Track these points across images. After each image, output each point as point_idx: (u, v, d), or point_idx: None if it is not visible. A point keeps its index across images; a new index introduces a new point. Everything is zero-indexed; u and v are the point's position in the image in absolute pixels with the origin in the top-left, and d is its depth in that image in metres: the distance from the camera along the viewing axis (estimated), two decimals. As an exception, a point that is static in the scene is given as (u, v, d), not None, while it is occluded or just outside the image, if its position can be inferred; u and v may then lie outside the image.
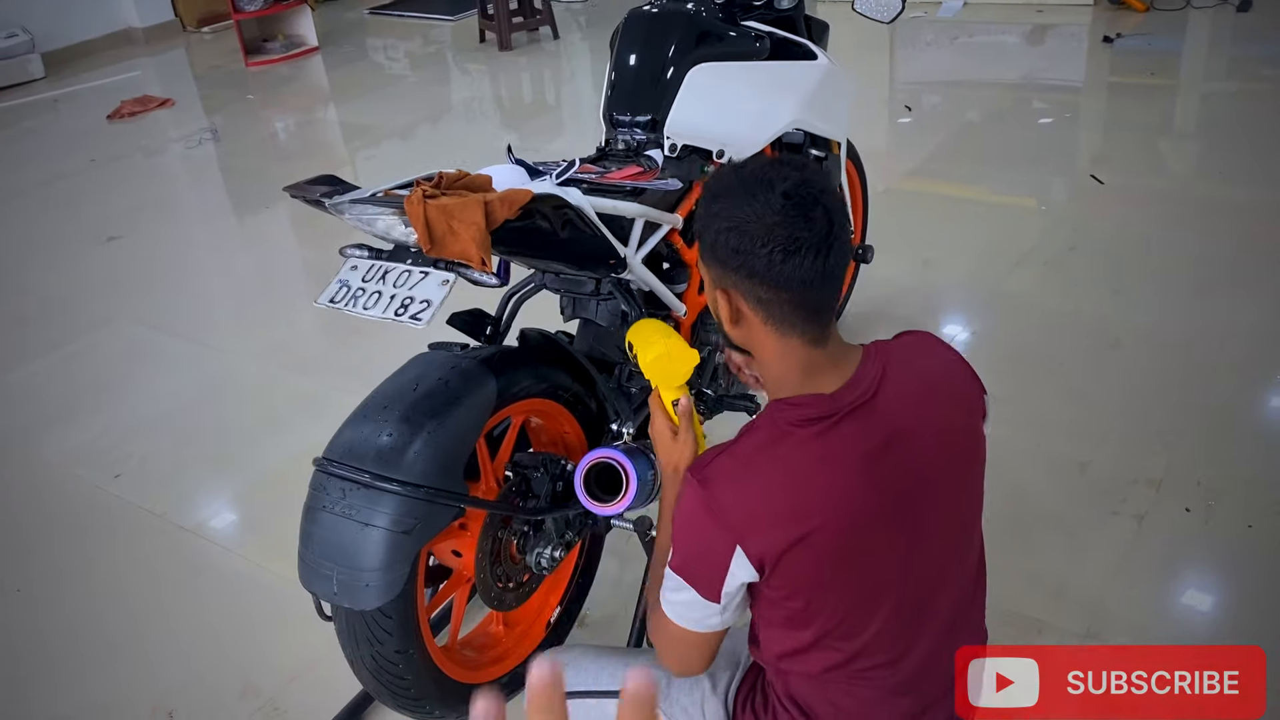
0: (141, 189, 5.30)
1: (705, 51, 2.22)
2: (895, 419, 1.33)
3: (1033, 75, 5.61)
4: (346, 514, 1.64)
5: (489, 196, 1.54)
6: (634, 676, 0.53)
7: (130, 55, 7.94)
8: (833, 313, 1.36)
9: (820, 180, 1.31)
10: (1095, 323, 3.20)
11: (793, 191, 1.28)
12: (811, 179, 1.30)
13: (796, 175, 1.29)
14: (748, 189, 1.30)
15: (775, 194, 1.27)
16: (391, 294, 1.66)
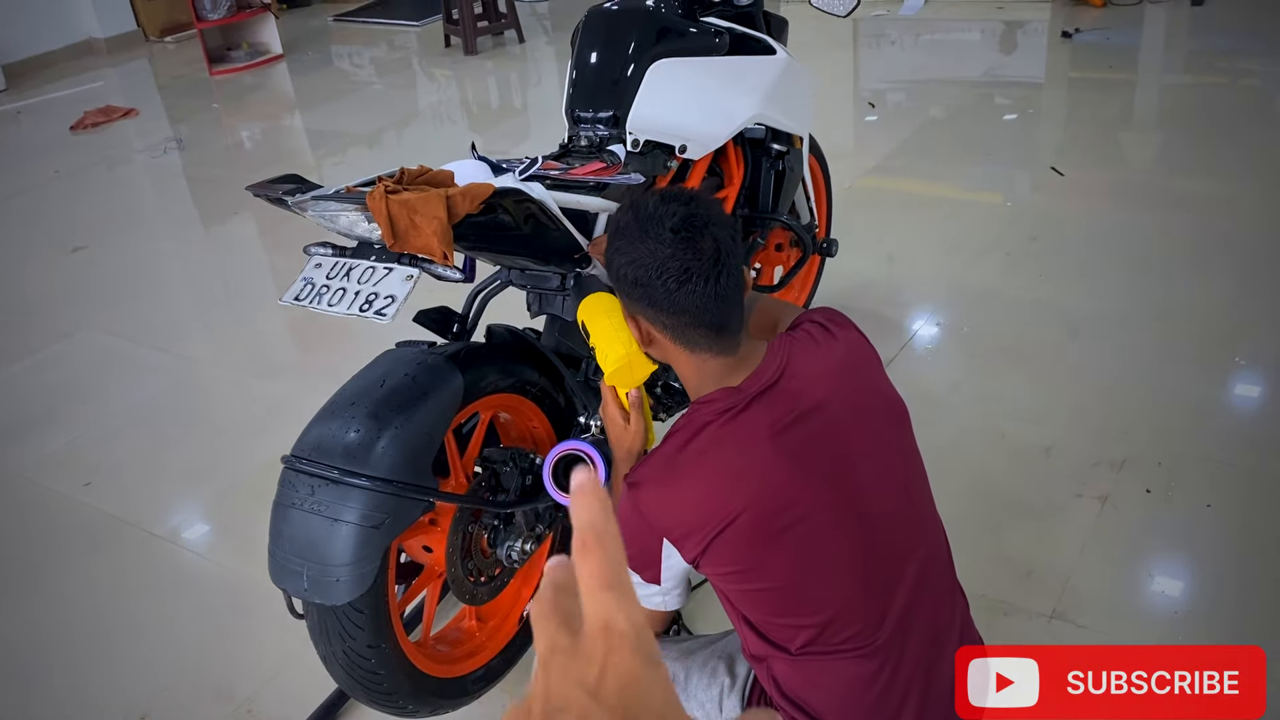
0: (106, 199, 5.27)
1: (665, 47, 2.24)
2: (803, 397, 1.43)
3: (994, 71, 5.68)
4: (316, 510, 1.65)
5: (451, 191, 1.56)
6: (578, 476, 0.54)
7: (93, 66, 7.89)
8: (738, 326, 1.46)
9: (706, 211, 1.42)
10: (1056, 312, 3.25)
11: (680, 225, 1.39)
12: (697, 211, 1.41)
13: (684, 209, 1.41)
14: (641, 226, 1.41)
15: (665, 229, 1.39)
16: (356, 290, 1.67)
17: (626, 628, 0.49)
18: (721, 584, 1.43)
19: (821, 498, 1.37)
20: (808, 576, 1.37)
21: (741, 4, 2.46)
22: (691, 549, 1.38)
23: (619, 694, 0.47)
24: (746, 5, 2.46)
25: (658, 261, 1.39)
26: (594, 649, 0.48)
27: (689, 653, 1.60)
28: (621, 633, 0.49)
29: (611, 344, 1.67)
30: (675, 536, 1.38)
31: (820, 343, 1.51)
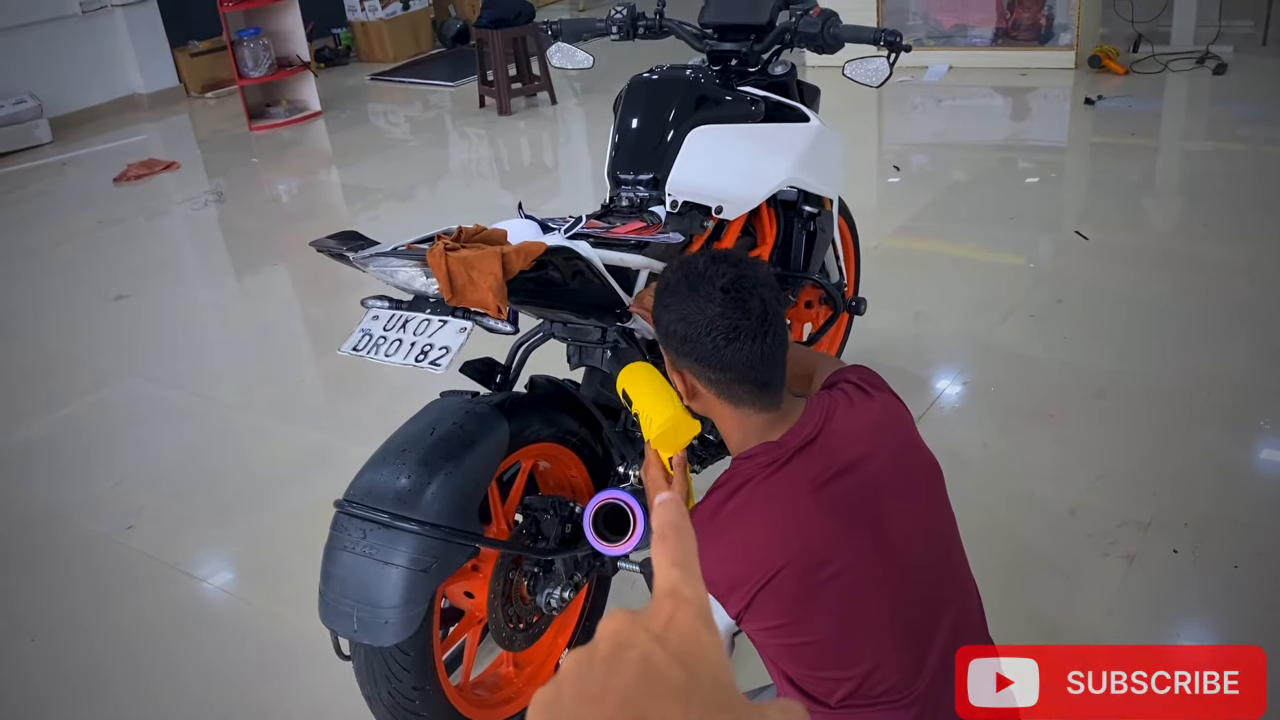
0: (148, 249, 5.41)
1: (704, 115, 2.34)
2: (842, 453, 1.49)
3: (1017, 136, 5.78)
4: (367, 553, 1.71)
5: (505, 249, 1.64)
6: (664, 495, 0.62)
7: (135, 120, 8.10)
8: (780, 383, 1.53)
9: (755, 273, 1.49)
10: (1081, 373, 3.29)
11: (730, 285, 1.46)
12: (747, 273, 1.48)
13: (733, 270, 1.48)
14: (691, 284, 1.48)
15: (715, 288, 1.46)
16: (412, 341, 1.75)
17: (690, 595, 0.55)
18: (763, 639, 1.46)
19: (862, 551, 1.42)
20: (849, 630, 1.41)
21: (776, 74, 2.55)
22: (735, 604, 1.41)
23: (680, 643, 0.53)
24: (781, 75, 2.55)
25: (707, 319, 1.46)
26: (661, 607, 0.55)
27: None
28: (686, 597, 0.55)
29: (656, 408, 1.73)
30: (719, 592, 1.42)
31: (857, 401, 1.58)
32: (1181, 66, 6.30)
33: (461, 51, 8.61)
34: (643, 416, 1.79)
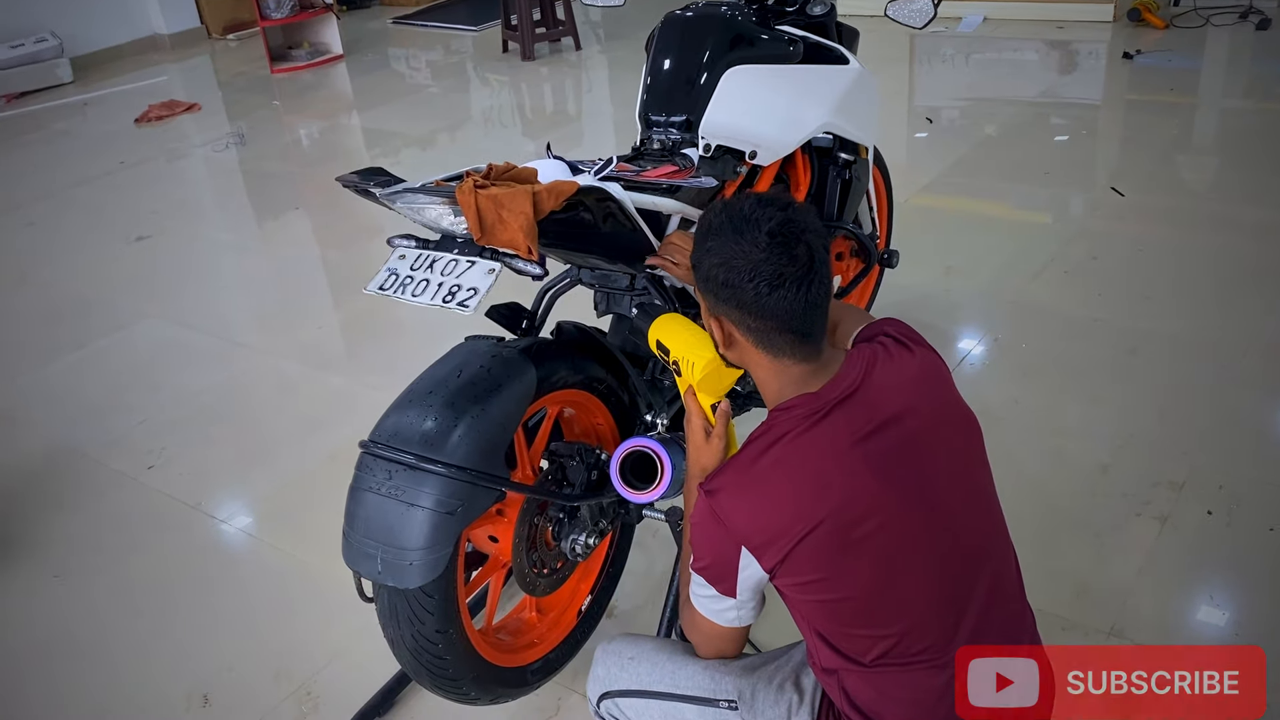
0: (169, 191, 5.37)
1: (740, 54, 2.27)
2: (882, 407, 1.43)
3: (1053, 90, 5.65)
4: (392, 494, 1.68)
5: (537, 187, 1.59)
6: None
7: (156, 61, 8.04)
8: (821, 333, 1.47)
9: (803, 218, 1.42)
10: (1115, 331, 3.23)
11: (777, 230, 1.40)
12: (795, 217, 1.42)
13: (780, 214, 1.41)
14: (736, 227, 1.42)
15: (761, 232, 1.40)
16: (439, 282, 1.70)
17: None
18: (797, 594, 1.42)
19: (901, 507, 1.38)
20: (887, 586, 1.38)
21: (815, 13, 2.48)
22: (771, 557, 1.38)
23: None
24: (820, 15, 2.48)
25: (751, 264, 1.40)
26: None
27: (754, 668, 1.60)
28: None
29: (697, 352, 1.69)
30: (755, 544, 1.38)
31: (896, 355, 1.52)
32: (1223, 21, 6.14)
33: (485, -5, 8.49)
34: (683, 362, 1.75)
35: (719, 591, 1.45)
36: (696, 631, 1.56)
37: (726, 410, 1.72)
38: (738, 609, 1.47)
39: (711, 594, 1.47)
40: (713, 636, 1.53)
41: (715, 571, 1.44)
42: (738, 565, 1.41)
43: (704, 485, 1.46)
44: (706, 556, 1.45)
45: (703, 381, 1.72)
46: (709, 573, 1.45)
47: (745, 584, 1.43)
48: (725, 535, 1.41)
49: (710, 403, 1.75)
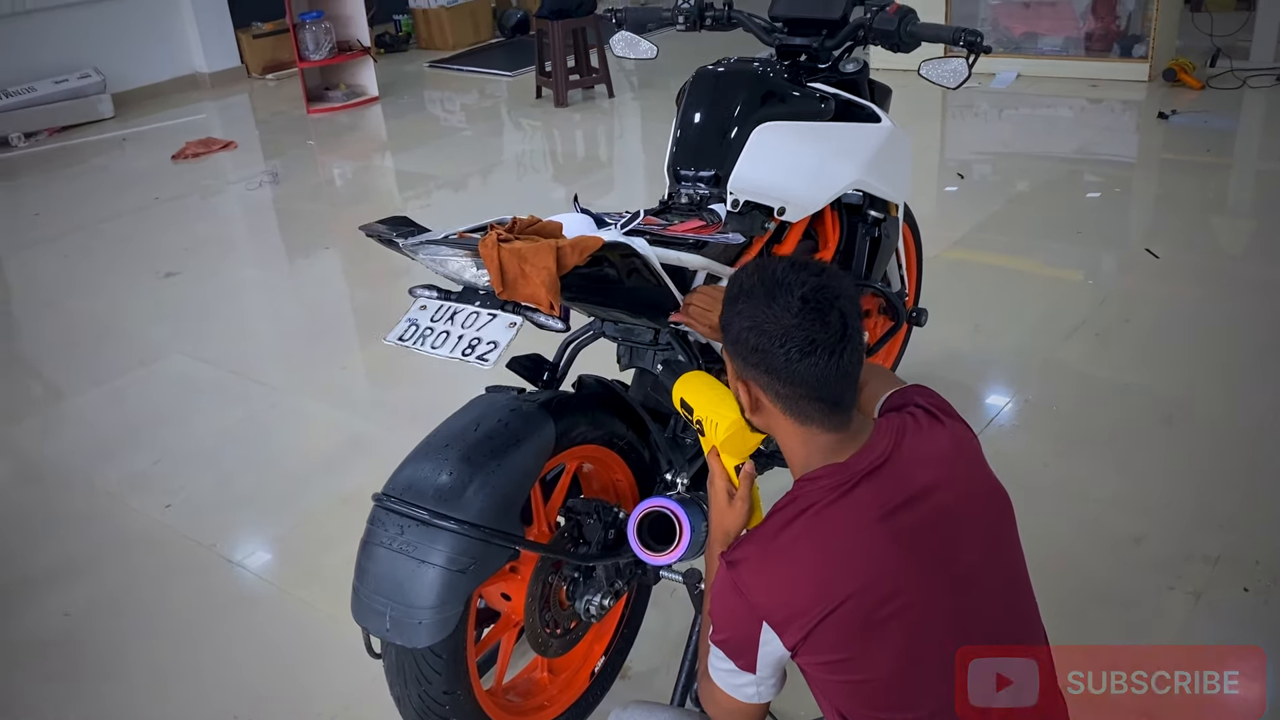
0: (201, 227, 5.41)
1: (771, 110, 2.25)
2: (912, 480, 1.39)
3: (1086, 148, 5.61)
4: (403, 550, 1.65)
5: (561, 242, 1.57)
6: None
7: (196, 99, 8.16)
8: (852, 402, 1.44)
9: (837, 284, 1.40)
10: (1148, 397, 3.16)
11: (810, 295, 1.37)
12: (828, 284, 1.39)
13: (814, 280, 1.39)
14: (768, 290, 1.39)
15: (794, 297, 1.37)
16: (459, 334, 1.68)
17: None
18: (818, 674, 1.37)
19: (929, 586, 1.33)
20: (911, 669, 1.33)
21: (848, 71, 2.46)
22: (793, 635, 1.33)
23: None
24: (853, 73, 2.46)
25: (783, 329, 1.37)
26: None
27: None
28: None
29: (721, 411, 1.66)
30: (777, 620, 1.34)
31: (927, 427, 1.49)
32: (1261, 83, 6.10)
33: (521, 41, 8.58)
34: (706, 422, 1.72)
35: (738, 666, 1.41)
36: (714, 705, 1.50)
37: (750, 472, 1.69)
38: (757, 685, 1.42)
39: (730, 668, 1.42)
40: (731, 712, 1.48)
41: (735, 646, 1.40)
42: (758, 640, 1.37)
43: (726, 556, 1.42)
44: (726, 630, 1.41)
45: (726, 442, 1.68)
46: (728, 646, 1.41)
47: (766, 660, 1.38)
48: (746, 609, 1.37)
49: (734, 464, 1.72)
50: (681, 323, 1.90)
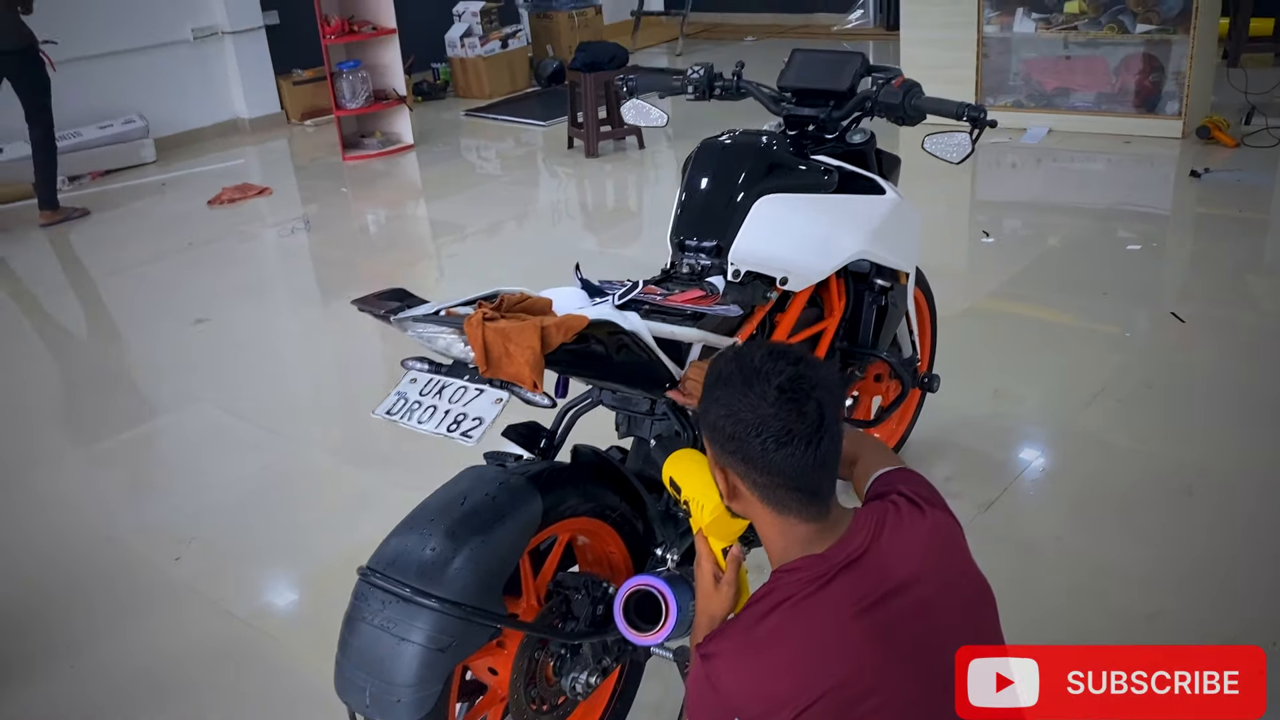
0: (233, 274, 5.49)
1: (773, 183, 2.26)
2: (891, 573, 1.38)
3: (1116, 205, 5.55)
4: (384, 627, 1.65)
5: (546, 322, 1.58)
6: None
7: (236, 143, 8.32)
8: (830, 492, 1.43)
9: (814, 374, 1.39)
10: (1169, 466, 3.10)
11: (787, 385, 1.37)
12: (806, 373, 1.39)
13: (792, 369, 1.38)
14: (745, 379, 1.39)
15: (770, 386, 1.37)
16: (446, 409, 1.69)
17: None
18: None
19: (905, 683, 1.31)
20: None
21: (854, 142, 2.46)
22: None
23: None
24: (859, 144, 2.46)
25: (758, 419, 1.37)
26: None
27: None
28: None
29: (708, 494, 1.64)
30: (750, 716, 1.32)
31: (908, 516, 1.47)
32: (1296, 141, 6.02)
33: (556, 91, 8.67)
34: (693, 503, 1.71)
35: None
36: None
37: (738, 555, 1.67)
38: None
39: None
40: None
41: None
42: None
43: (700, 649, 1.41)
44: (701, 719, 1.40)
45: (712, 525, 1.67)
46: None
47: None
48: (720, 703, 1.36)
49: (721, 546, 1.71)
50: (674, 399, 1.90)
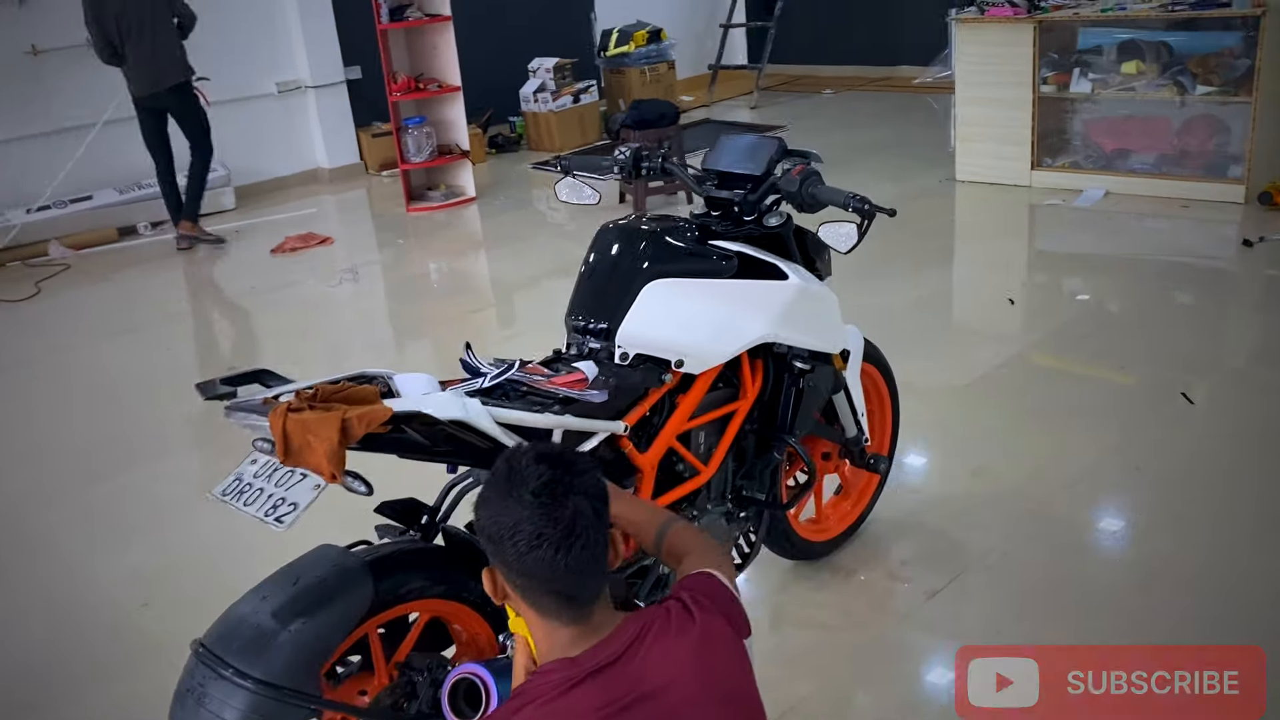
0: (271, 324, 5.72)
1: (664, 267, 2.28)
2: (643, 680, 1.37)
3: (1159, 274, 5.31)
4: (203, 702, 1.71)
5: (348, 413, 1.62)
6: None
7: (315, 192, 8.66)
8: (591, 597, 1.43)
9: (574, 478, 1.41)
10: (1133, 563, 2.96)
11: (541, 489, 1.39)
12: (564, 477, 1.40)
13: (550, 473, 1.40)
14: (508, 481, 1.42)
15: (526, 490, 1.39)
16: (270, 493, 1.75)
17: None
18: None
19: None
20: None
21: (770, 225, 2.45)
22: None
23: None
24: (775, 227, 2.45)
25: (513, 522, 1.40)
26: None
27: None
28: None
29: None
30: None
31: (676, 621, 1.46)
32: (1365, 209, 5.70)
33: (622, 145, 8.81)
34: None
35: None
36: None
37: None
38: None
39: None
40: None
41: None
42: None
43: None
44: None
45: (516, 621, 1.68)
46: None
47: None
48: None
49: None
50: None
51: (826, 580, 2.98)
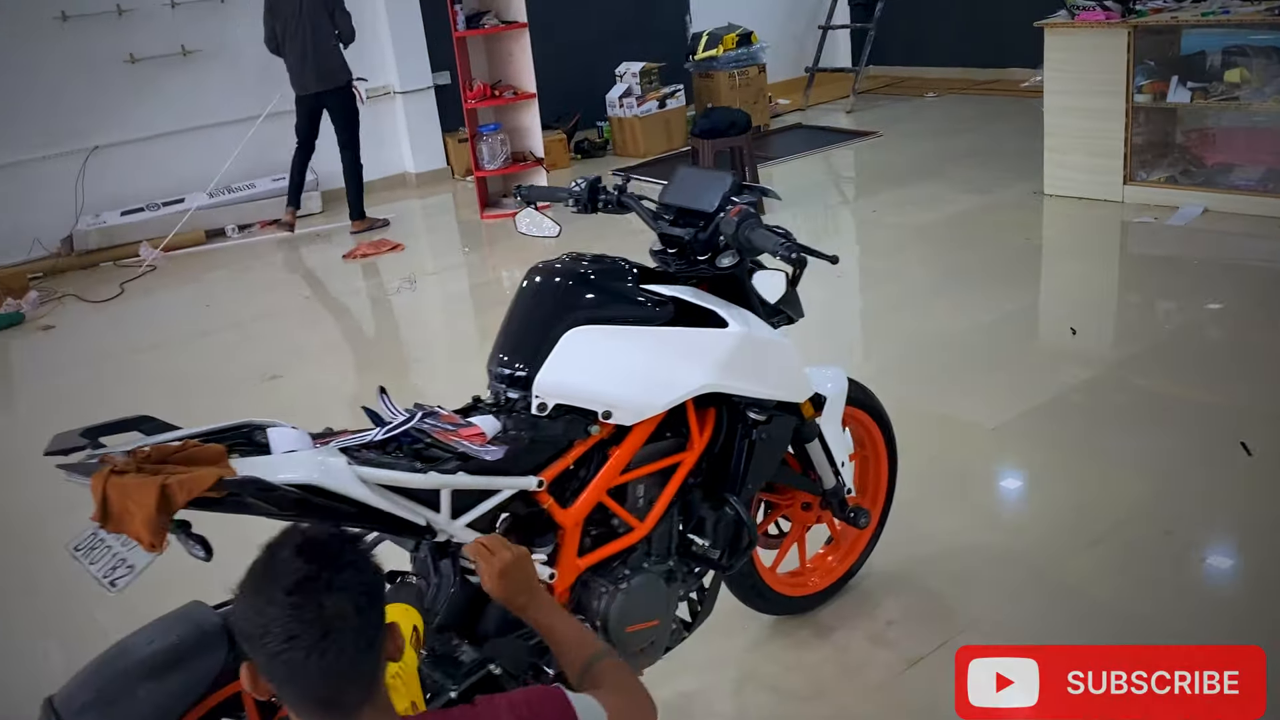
0: (321, 330, 5.77)
1: (588, 314, 2.14)
2: None
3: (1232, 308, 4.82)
4: (42, 764, 1.66)
5: (168, 479, 1.54)
6: None
7: (402, 196, 8.75)
8: (356, 702, 1.32)
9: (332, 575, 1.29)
10: (1145, 630, 2.68)
11: (294, 587, 1.28)
12: (320, 574, 1.28)
13: (306, 569, 1.28)
14: (264, 575, 1.31)
15: (278, 587, 1.28)
16: (116, 553, 1.69)
17: None
18: None
19: None
20: None
21: (722, 265, 2.29)
22: None
23: None
24: (728, 267, 2.29)
25: (264, 620, 1.29)
26: None
27: None
28: None
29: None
30: None
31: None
32: None
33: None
34: None
35: None
36: None
37: None
38: None
39: None
40: None
41: None
42: None
43: None
44: None
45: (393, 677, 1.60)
46: None
47: None
48: None
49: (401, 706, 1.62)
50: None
51: (805, 639, 2.79)
